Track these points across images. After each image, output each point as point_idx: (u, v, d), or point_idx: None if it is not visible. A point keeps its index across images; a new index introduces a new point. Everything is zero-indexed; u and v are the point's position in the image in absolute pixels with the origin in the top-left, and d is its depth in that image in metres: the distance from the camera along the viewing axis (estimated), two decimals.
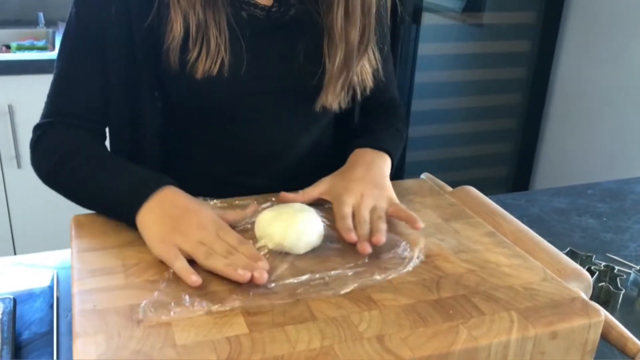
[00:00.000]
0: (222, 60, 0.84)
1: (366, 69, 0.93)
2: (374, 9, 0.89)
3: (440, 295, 0.67)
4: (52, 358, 0.69)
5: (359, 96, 0.94)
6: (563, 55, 2.49)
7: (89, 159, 0.84)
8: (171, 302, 0.63)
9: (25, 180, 2.10)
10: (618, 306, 0.86)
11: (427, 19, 2.47)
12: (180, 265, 0.68)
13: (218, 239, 0.72)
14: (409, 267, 0.72)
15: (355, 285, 0.68)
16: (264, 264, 0.69)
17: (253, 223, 0.78)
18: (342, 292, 0.66)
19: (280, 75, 0.90)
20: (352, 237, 0.75)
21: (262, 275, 0.66)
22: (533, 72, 2.58)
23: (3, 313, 0.72)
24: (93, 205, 0.82)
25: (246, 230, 0.78)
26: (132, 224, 0.75)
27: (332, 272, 0.70)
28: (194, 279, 0.66)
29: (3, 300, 0.74)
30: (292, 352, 0.57)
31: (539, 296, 0.68)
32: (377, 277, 0.70)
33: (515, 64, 2.65)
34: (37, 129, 0.89)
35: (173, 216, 0.74)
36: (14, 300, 0.75)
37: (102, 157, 0.86)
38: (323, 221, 0.78)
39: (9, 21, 2.45)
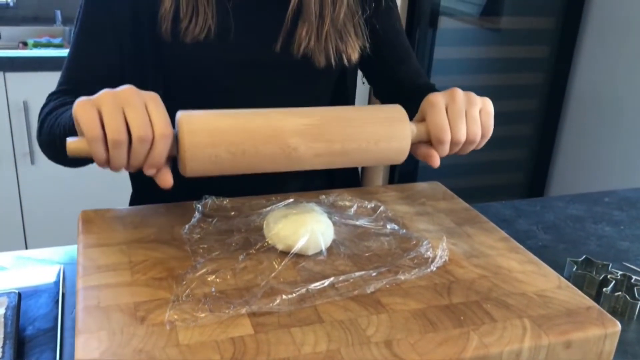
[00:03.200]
0: (210, 28, 0.88)
1: (351, 37, 0.93)
2: None
3: (451, 300, 0.66)
4: (55, 355, 0.68)
5: (345, 61, 0.93)
6: (581, 61, 2.46)
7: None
8: (196, 307, 0.61)
9: (39, 177, 2.11)
10: (635, 316, 0.84)
11: (444, 22, 2.45)
12: (96, 150, 0.64)
13: (142, 111, 0.64)
14: (433, 267, 0.71)
15: (380, 284, 0.67)
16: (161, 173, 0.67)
17: (262, 222, 0.77)
18: (369, 291, 0.66)
19: (270, 43, 0.92)
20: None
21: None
22: (550, 78, 2.55)
23: (7, 308, 0.71)
24: (51, 146, 0.82)
25: (255, 230, 0.77)
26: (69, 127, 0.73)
27: (357, 273, 0.68)
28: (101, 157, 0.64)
29: (8, 294, 0.74)
30: (297, 355, 0.56)
31: (553, 304, 0.66)
32: (401, 277, 0.68)
33: (532, 70, 2.63)
34: (48, 97, 0.91)
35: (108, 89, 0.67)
36: (19, 295, 0.74)
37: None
38: (334, 222, 0.77)
39: (27, 18, 2.46)
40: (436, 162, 0.78)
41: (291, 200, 0.83)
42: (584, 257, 0.94)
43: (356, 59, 0.95)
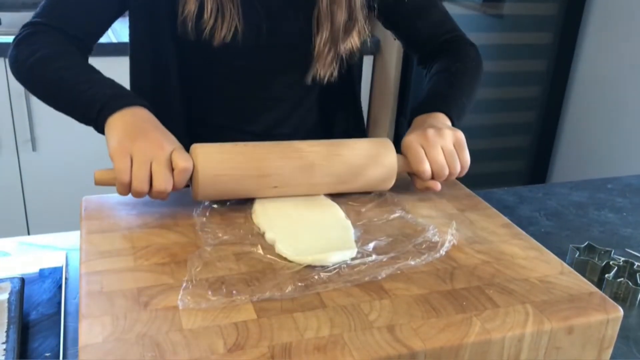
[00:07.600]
0: (237, 29, 0.90)
1: (354, 40, 0.95)
2: None
3: (454, 286, 0.66)
4: (59, 339, 0.69)
5: (345, 64, 0.98)
6: (584, 48, 2.45)
7: (76, 64, 0.87)
8: (208, 290, 0.61)
9: (40, 163, 2.11)
10: (637, 302, 0.84)
11: (447, 9, 2.44)
12: (121, 190, 0.73)
13: (165, 166, 0.73)
14: (442, 252, 0.71)
15: (391, 270, 0.67)
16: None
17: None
18: (380, 277, 0.66)
19: (283, 32, 0.95)
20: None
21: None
22: (553, 65, 2.53)
23: (11, 293, 0.71)
24: (63, 101, 0.85)
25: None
26: (99, 125, 0.79)
27: (368, 259, 0.69)
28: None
29: (12, 280, 0.74)
30: (300, 340, 0.56)
31: (556, 290, 0.66)
32: (412, 263, 0.69)
33: (535, 57, 2.61)
34: (28, 26, 0.91)
35: (141, 128, 0.77)
36: (23, 280, 0.74)
37: (90, 66, 0.89)
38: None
39: (27, 4, 2.45)
40: (435, 188, 0.84)
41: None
42: (586, 243, 0.94)
43: (357, 55, 1.00)
